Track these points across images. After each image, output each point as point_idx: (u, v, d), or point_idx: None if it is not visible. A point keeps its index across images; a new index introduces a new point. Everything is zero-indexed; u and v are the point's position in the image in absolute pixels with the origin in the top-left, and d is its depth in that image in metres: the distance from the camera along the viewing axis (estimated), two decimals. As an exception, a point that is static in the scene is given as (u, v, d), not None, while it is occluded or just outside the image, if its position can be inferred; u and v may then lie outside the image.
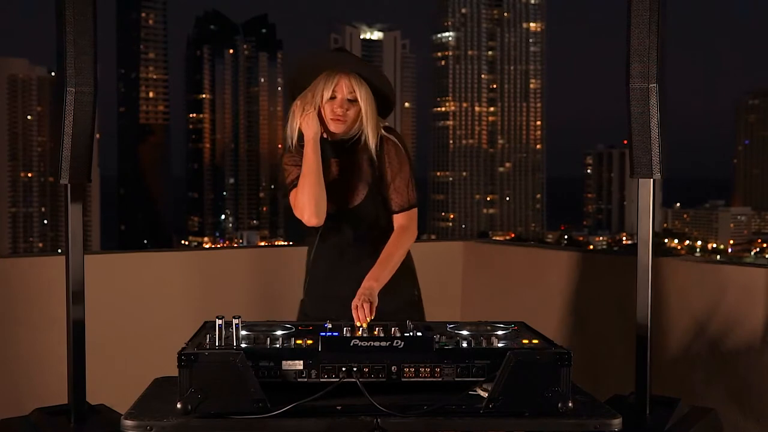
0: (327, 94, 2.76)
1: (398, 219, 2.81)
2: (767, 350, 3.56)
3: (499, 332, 2.40)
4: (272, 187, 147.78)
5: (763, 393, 3.57)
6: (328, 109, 2.77)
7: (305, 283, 2.93)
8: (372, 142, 2.78)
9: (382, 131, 2.81)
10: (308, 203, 2.72)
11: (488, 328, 2.45)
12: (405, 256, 2.84)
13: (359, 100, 2.76)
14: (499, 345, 2.30)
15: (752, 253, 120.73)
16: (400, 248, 2.76)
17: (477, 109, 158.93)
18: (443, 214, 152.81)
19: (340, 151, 2.83)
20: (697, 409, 3.26)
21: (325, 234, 2.83)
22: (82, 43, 2.90)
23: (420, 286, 2.96)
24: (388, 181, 2.79)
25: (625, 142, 3.10)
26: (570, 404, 2.18)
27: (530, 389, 2.18)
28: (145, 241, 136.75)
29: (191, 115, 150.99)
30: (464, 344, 2.30)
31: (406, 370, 2.24)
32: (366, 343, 2.23)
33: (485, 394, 2.21)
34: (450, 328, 2.47)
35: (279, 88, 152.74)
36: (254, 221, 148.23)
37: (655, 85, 2.92)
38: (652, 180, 3.02)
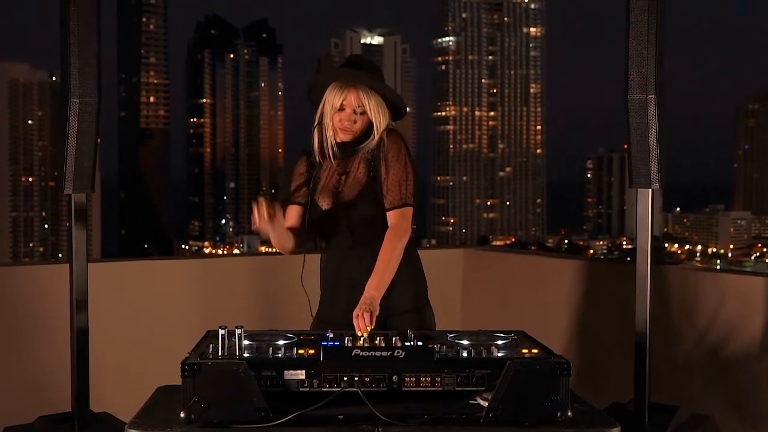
0: (336, 105, 2.82)
1: (390, 217, 2.81)
2: (766, 358, 3.58)
3: (499, 342, 2.42)
4: (273, 191, 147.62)
5: (762, 400, 3.59)
6: (337, 119, 2.83)
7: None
8: (373, 143, 2.83)
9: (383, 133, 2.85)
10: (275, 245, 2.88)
11: (488, 337, 2.48)
12: (410, 260, 2.86)
13: (368, 111, 2.82)
14: (499, 354, 2.32)
15: (752, 257, 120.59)
16: (394, 250, 2.75)
17: (477, 113, 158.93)
18: (443, 218, 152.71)
19: (344, 153, 2.87)
20: (696, 416, 3.29)
21: (325, 234, 2.89)
22: (85, 54, 2.93)
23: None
24: (382, 179, 2.81)
25: (626, 146, 3.12)
26: (569, 413, 2.21)
27: (530, 398, 2.20)
28: (146, 246, 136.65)
29: (192, 120, 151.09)
30: (464, 354, 2.32)
31: (407, 379, 2.26)
32: (367, 353, 2.25)
33: (485, 404, 2.23)
34: (450, 337, 2.49)
35: (279, 93, 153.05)
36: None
37: (653, 96, 2.94)
38: (650, 190, 3.05)
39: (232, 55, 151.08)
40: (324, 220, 2.87)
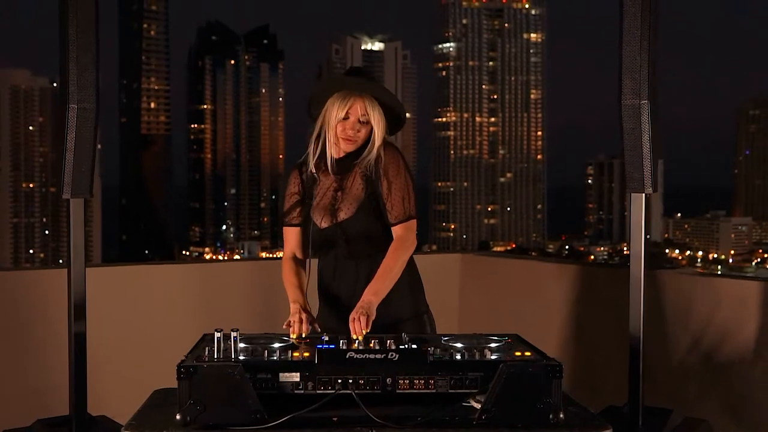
0: (341, 114, 2.82)
1: (396, 231, 2.85)
2: (760, 362, 3.60)
3: (493, 345, 2.44)
4: (273, 197, 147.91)
5: (756, 404, 3.61)
6: (340, 128, 2.83)
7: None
8: (371, 158, 2.84)
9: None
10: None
11: (482, 340, 2.50)
12: (409, 268, 2.88)
13: (371, 121, 2.83)
14: (492, 357, 2.34)
15: (753, 263, 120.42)
16: (398, 260, 2.79)
17: (478, 119, 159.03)
18: (444, 224, 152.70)
19: (341, 168, 2.88)
20: (690, 420, 3.30)
21: (323, 249, 2.90)
22: (84, 60, 2.95)
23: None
24: (384, 194, 2.84)
25: (623, 151, 3.13)
26: (561, 415, 2.23)
27: (523, 401, 2.22)
28: (147, 252, 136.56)
29: (193, 126, 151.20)
30: (458, 356, 2.34)
31: (401, 382, 2.28)
32: (361, 356, 2.27)
33: (478, 406, 2.25)
34: (444, 340, 2.52)
35: (280, 99, 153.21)
36: (255, 231, 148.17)
37: (646, 102, 2.96)
38: (644, 195, 3.07)
39: (233, 61, 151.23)
40: (322, 238, 2.88)
